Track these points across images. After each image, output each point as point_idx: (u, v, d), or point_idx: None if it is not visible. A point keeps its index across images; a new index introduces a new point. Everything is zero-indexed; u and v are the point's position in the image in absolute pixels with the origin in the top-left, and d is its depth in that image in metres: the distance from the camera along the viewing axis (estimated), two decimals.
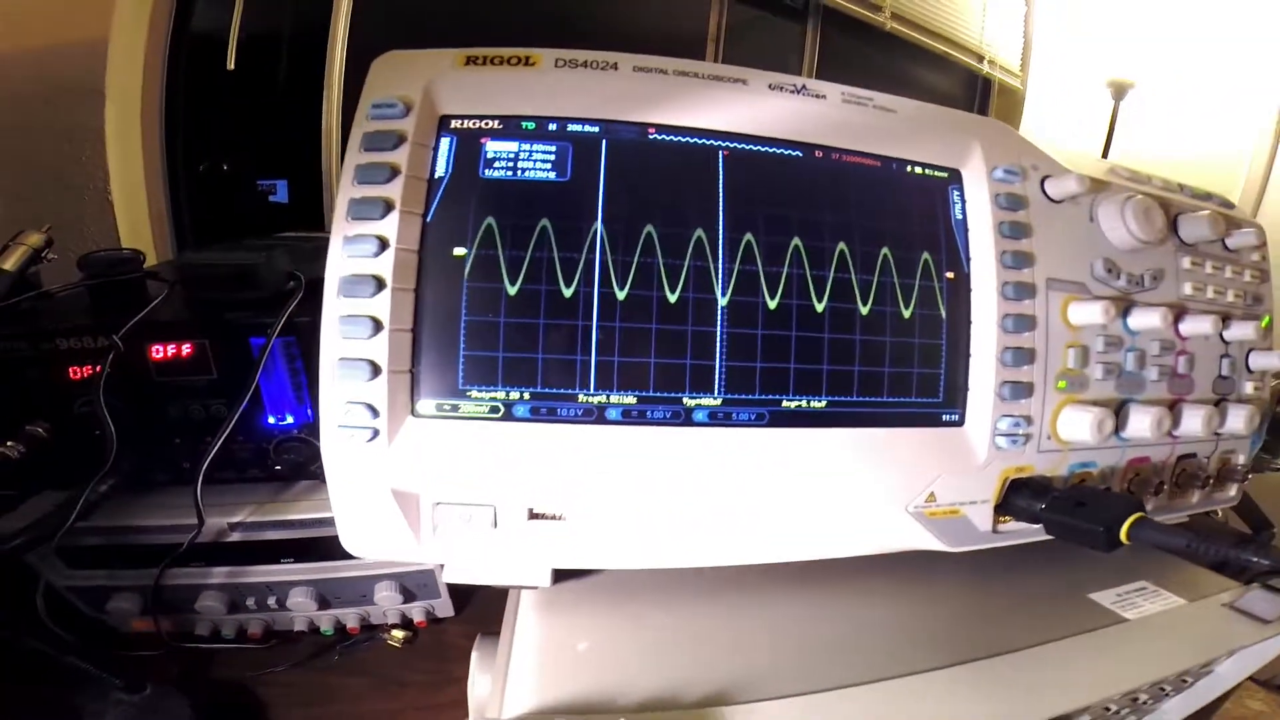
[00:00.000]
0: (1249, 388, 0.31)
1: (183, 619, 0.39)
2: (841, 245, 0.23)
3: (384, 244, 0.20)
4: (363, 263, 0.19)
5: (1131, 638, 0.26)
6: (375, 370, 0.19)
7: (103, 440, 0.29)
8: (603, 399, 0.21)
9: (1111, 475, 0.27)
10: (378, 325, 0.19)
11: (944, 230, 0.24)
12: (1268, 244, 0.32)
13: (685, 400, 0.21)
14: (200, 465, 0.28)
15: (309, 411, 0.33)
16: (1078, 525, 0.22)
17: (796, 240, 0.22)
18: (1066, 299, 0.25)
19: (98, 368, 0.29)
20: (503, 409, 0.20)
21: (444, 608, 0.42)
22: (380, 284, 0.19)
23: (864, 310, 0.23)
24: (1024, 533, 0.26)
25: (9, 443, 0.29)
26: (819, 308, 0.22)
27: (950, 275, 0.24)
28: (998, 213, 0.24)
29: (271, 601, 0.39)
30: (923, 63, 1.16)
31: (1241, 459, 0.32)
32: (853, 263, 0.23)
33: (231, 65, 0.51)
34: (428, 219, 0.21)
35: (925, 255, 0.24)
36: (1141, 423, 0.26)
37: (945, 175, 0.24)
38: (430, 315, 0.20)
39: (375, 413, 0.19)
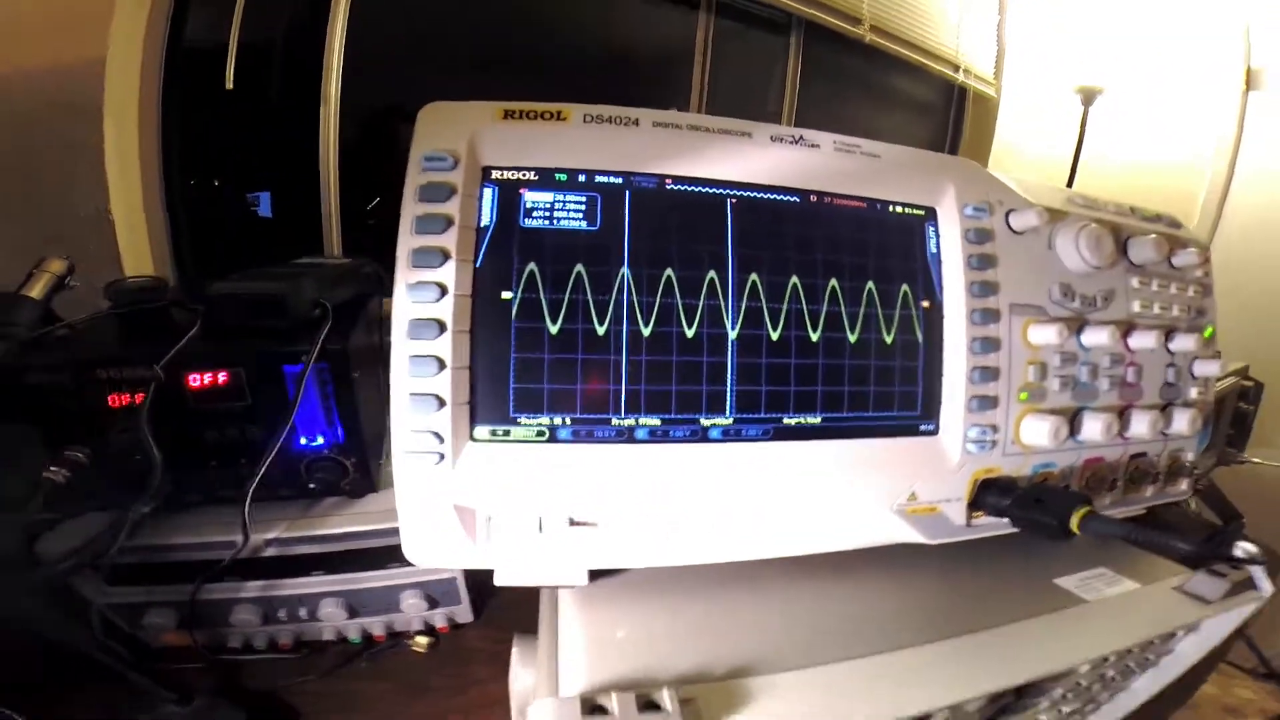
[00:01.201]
0: (1193, 393, 0.38)
1: (216, 632, 0.44)
2: (833, 281, 0.29)
3: (444, 290, 0.25)
4: (427, 308, 0.25)
5: (1090, 616, 0.32)
6: (441, 403, 0.24)
7: (143, 464, 0.33)
8: (632, 422, 0.26)
9: (1070, 474, 0.34)
10: (441, 364, 0.24)
11: (920, 263, 0.30)
12: (1210, 260, 0.39)
13: (702, 420, 0.27)
14: (248, 487, 0.33)
15: (339, 433, 0.38)
16: (1036, 519, 0.29)
17: (794, 279, 0.28)
18: (1027, 321, 0.31)
19: (136, 396, 0.33)
20: (548, 433, 0.26)
21: (464, 614, 0.48)
22: (442, 327, 0.25)
23: (852, 339, 0.29)
24: (994, 526, 0.32)
25: (52, 468, 0.34)
26: (814, 338, 0.28)
27: (926, 304, 0.30)
28: (967, 246, 0.30)
29: (303, 613, 0.44)
30: (901, 72, 1.26)
31: (1190, 456, 0.39)
32: (842, 297, 0.29)
33: (230, 85, 0.54)
34: (478, 265, 0.26)
35: (904, 287, 0.30)
36: (1094, 428, 0.32)
37: (923, 213, 0.30)
38: (484, 352, 0.25)
39: (441, 439, 0.24)
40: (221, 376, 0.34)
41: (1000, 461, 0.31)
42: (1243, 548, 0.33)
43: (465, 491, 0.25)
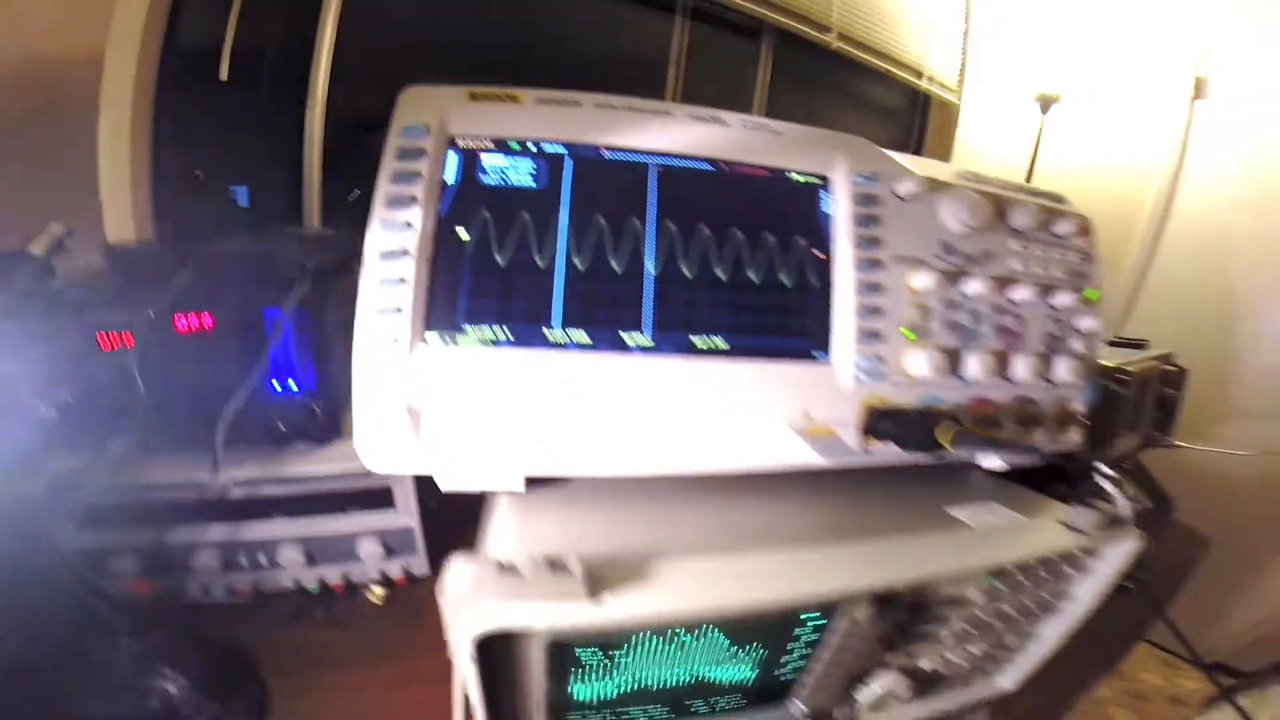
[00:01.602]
0: (1078, 345, 0.45)
1: (177, 580, 0.50)
2: (739, 233, 0.37)
3: (410, 226, 0.33)
4: (395, 239, 0.32)
5: (973, 536, 0.37)
6: (400, 311, 0.32)
7: (129, 399, 0.40)
8: (564, 336, 0.34)
9: (960, 412, 0.41)
10: (404, 280, 0.32)
11: (815, 221, 0.38)
12: (1092, 232, 0.47)
13: (624, 337, 0.35)
14: (223, 415, 0.40)
15: (310, 379, 0.45)
16: (914, 436, 0.36)
17: (705, 229, 0.36)
18: (909, 270, 0.39)
19: (126, 337, 0.40)
20: (490, 340, 0.33)
21: (420, 565, 0.54)
22: (406, 253, 0.32)
23: (755, 279, 0.37)
24: (890, 455, 0.39)
25: (41, 405, 0.41)
26: (723, 277, 0.36)
27: (819, 254, 0.38)
28: (855, 208, 0.38)
29: (263, 559, 0.50)
30: (868, 78, 1.40)
31: (1078, 406, 0.46)
32: (746, 245, 0.37)
33: (225, 76, 0.64)
34: (442, 212, 0.34)
35: (801, 240, 0.38)
36: (974, 365, 0.40)
37: (818, 180, 0.39)
38: (441, 277, 0.33)
39: (397, 340, 0.32)
40: (208, 320, 0.41)
41: (889, 391, 0.38)
42: (1101, 469, 0.40)
43: (416, 392, 0.32)
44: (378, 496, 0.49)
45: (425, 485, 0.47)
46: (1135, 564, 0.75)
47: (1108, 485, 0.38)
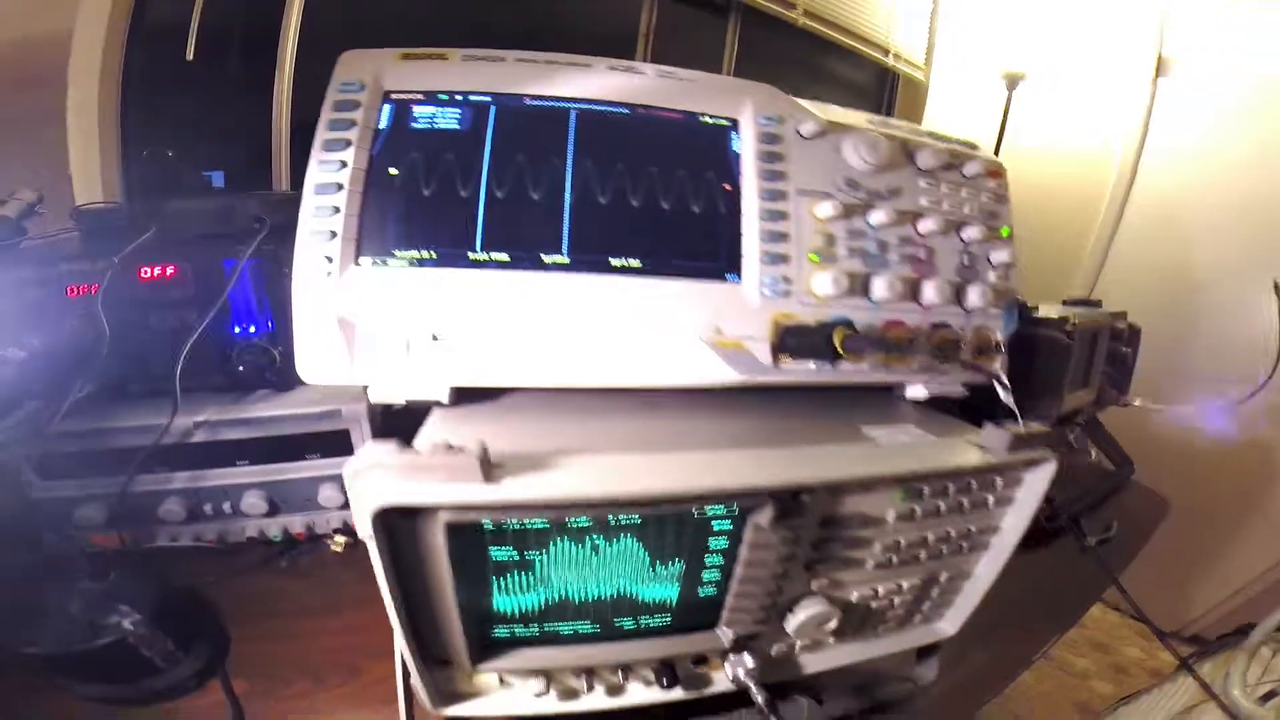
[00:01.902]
0: (992, 277, 0.47)
1: (142, 530, 0.52)
2: (653, 167, 0.40)
3: (344, 164, 0.36)
4: (330, 175, 0.36)
5: (882, 451, 0.38)
6: (334, 235, 0.35)
7: (95, 345, 0.43)
8: (485, 256, 0.37)
9: (871, 333, 0.43)
10: (337, 209, 0.36)
11: (724, 158, 0.41)
12: (1004, 175, 0.50)
13: (543, 257, 0.38)
14: (181, 353, 0.43)
15: (269, 323, 0.48)
16: (814, 344, 0.38)
17: (620, 164, 0.40)
18: (813, 201, 0.42)
19: (93, 287, 0.44)
20: (416, 260, 0.37)
21: None
22: (340, 187, 0.36)
23: (666, 206, 0.40)
24: (802, 372, 0.41)
25: (11, 348, 0.44)
26: (636, 204, 0.39)
27: (727, 186, 0.41)
28: (760, 146, 0.41)
29: (226, 506, 0.52)
30: (835, 56, 1.46)
31: (998, 336, 0.47)
32: (661, 179, 0.40)
33: (190, 56, 0.70)
34: (374, 153, 0.38)
35: (710, 173, 0.41)
36: (880, 287, 0.42)
37: (727, 123, 0.42)
38: (372, 208, 0.36)
39: (331, 260, 0.35)
40: (170, 269, 0.45)
41: (798, 309, 0.40)
42: (1000, 378, 0.42)
43: (348, 307, 0.35)
44: (336, 441, 0.51)
45: (384, 432, 0.50)
46: (1096, 524, 0.75)
47: (1004, 395, 0.40)
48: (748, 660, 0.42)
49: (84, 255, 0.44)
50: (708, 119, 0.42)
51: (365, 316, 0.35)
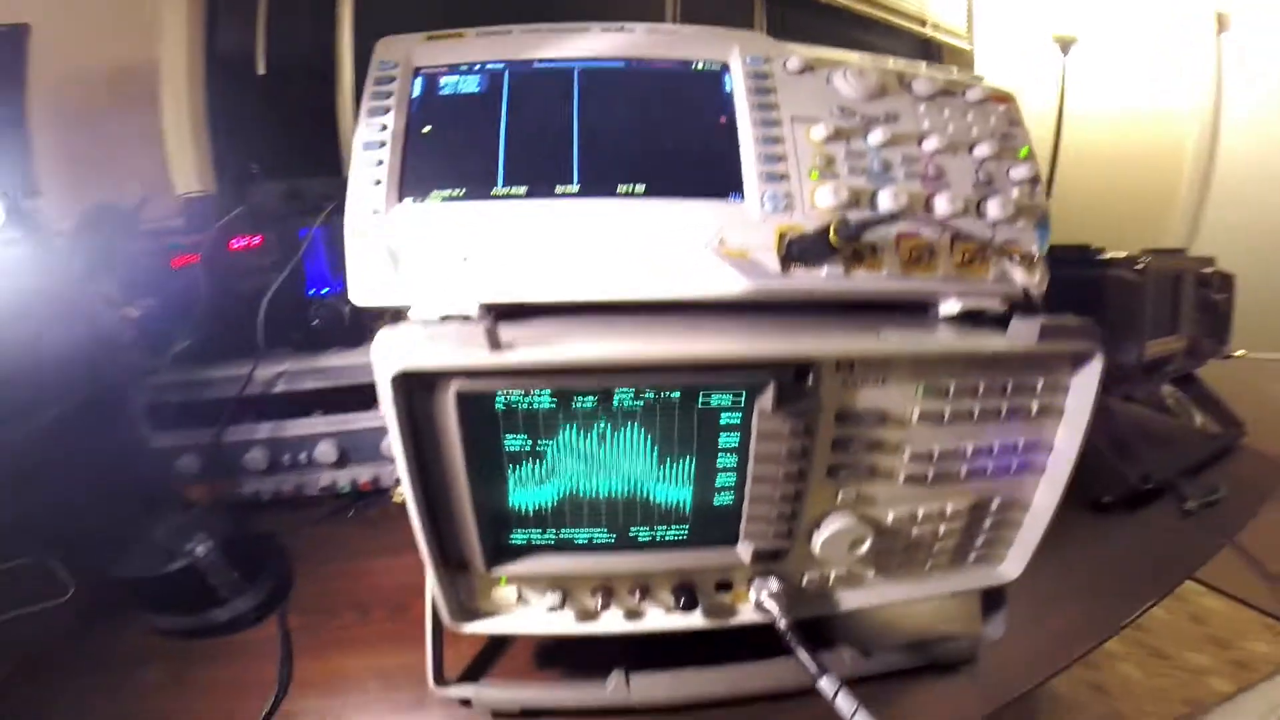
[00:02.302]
0: (1014, 193, 0.45)
1: (230, 482, 0.59)
2: (651, 110, 0.44)
3: (385, 127, 0.43)
4: (375, 134, 0.43)
5: (898, 337, 0.37)
6: (379, 182, 0.41)
7: (194, 303, 0.52)
8: (507, 190, 0.42)
9: (883, 243, 0.42)
10: (381, 161, 0.42)
11: (718, 97, 0.45)
12: (1014, 102, 0.49)
13: (556, 188, 0.42)
14: (264, 298, 0.51)
15: (340, 284, 0.55)
16: (816, 244, 0.38)
17: (621, 109, 0.44)
18: (807, 127, 0.43)
19: (194, 257, 0.53)
20: (448, 199, 0.41)
21: None
22: (383, 144, 0.43)
23: (666, 141, 0.43)
24: (813, 279, 0.41)
25: (127, 308, 0.53)
26: (637, 140, 0.43)
27: (722, 120, 0.44)
28: (751, 82, 0.44)
29: (302, 456, 0.58)
30: (868, 31, 1.44)
31: (1032, 249, 0.45)
32: (658, 118, 0.44)
33: (261, 70, 0.85)
34: (410, 116, 0.44)
35: (705, 111, 0.44)
36: (886, 198, 0.42)
37: (718, 67, 0.46)
38: (411, 156, 0.43)
39: (376, 202, 0.41)
40: (255, 240, 0.53)
41: (802, 220, 0.41)
42: (1030, 282, 0.39)
43: (391, 238, 0.40)
44: None
45: None
46: (1198, 488, 0.66)
47: (1035, 292, 0.37)
48: (772, 584, 0.40)
49: (186, 233, 0.53)
50: (699, 65, 0.46)
51: (406, 245, 0.41)
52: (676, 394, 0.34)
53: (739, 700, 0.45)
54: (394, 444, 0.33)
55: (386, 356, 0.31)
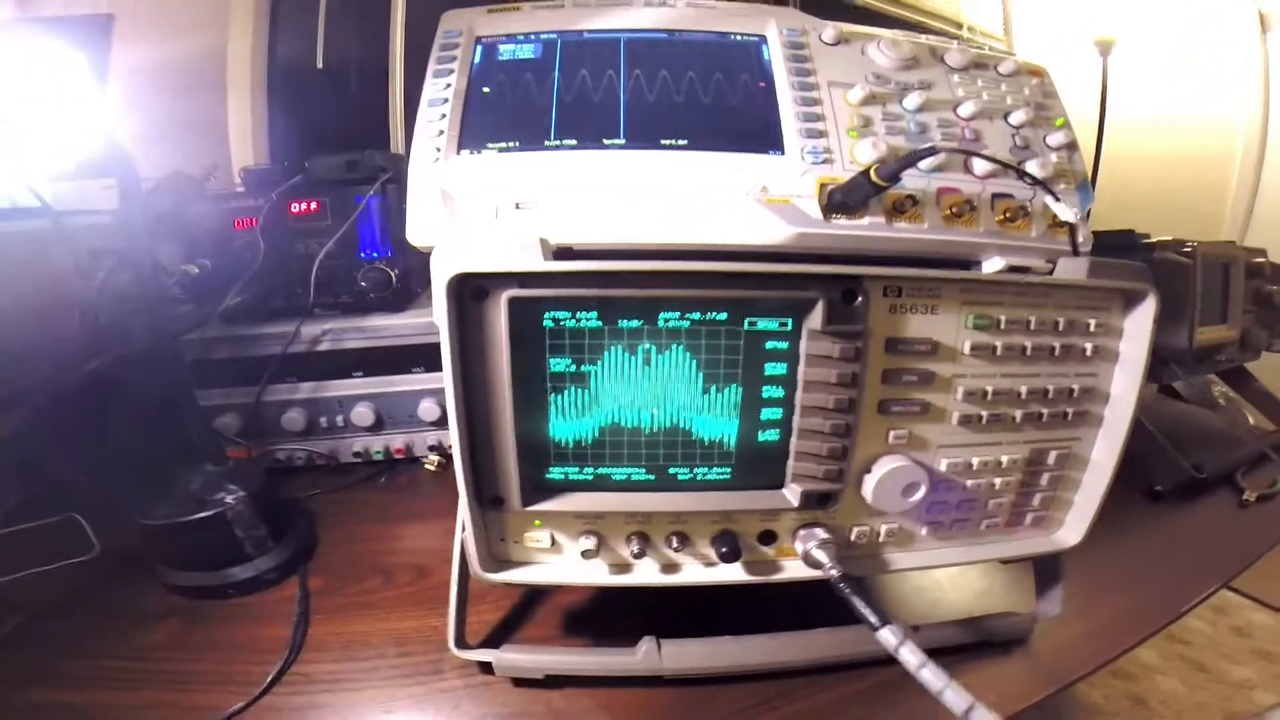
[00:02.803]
0: (1053, 157, 0.46)
1: (267, 442, 0.59)
2: (691, 73, 0.46)
3: (449, 85, 0.46)
4: (439, 92, 0.46)
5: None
6: (441, 133, 0.44)
7: (252, 261, 0.54)
8: (558, 142, 0.43)
9: (924, 197, 0.42)
10: (444, 115, 0.44)
11: (757, 65, 0.47)
12: (1048, 76, 0.50)
13: (605, 141, 0.43)
14: (316, 260, 0.52)
15: (389, 249, 0.57)
16: (856, 188, 0.39)
17: (664, 72, 0.46)
18: (845, 91, 0.45)
19: (254, 220, 0.55)
20: (503, 150, 0.43)
21: None
22: (446, 100, 0.45)
23: (707, 101, 0.45)
24: (856, 227, 0.41)
25: (188, 266, 0.55)
26: (679, 99, 0.45)
27: (762, 84, 0.46)
28: (788, 51, 0.47)
29: (339, 419, 0.58)
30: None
31: (1066, 216, 0.44)
32: (699, 81, 0.46)
33: (320, 64, 0.91)
34: (470, 77, 0.47)
35: (745, 76, 0.46)
36: (920, 161, 0.42)
37: (756, 38, 0.48)
38: (470, 114, 0.45)
39: (439, 151, 0.43)
40: (313, 204, 0.56)
41: (841, 173, 0.42)
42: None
43: (449, 184, 0.42)
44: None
45: None
46: (1256, 480, 0.63)
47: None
48: (819, 533, 0.38)
49: (246, 197, 0.56)
50: (738, 36, 0.49)
51: (462, 191, 0.42)
52: (723, 315, 0.34)
53: (776, 673, 0.42)
54: (444, 357, 0.33)
55: (446, 260, 0.31)
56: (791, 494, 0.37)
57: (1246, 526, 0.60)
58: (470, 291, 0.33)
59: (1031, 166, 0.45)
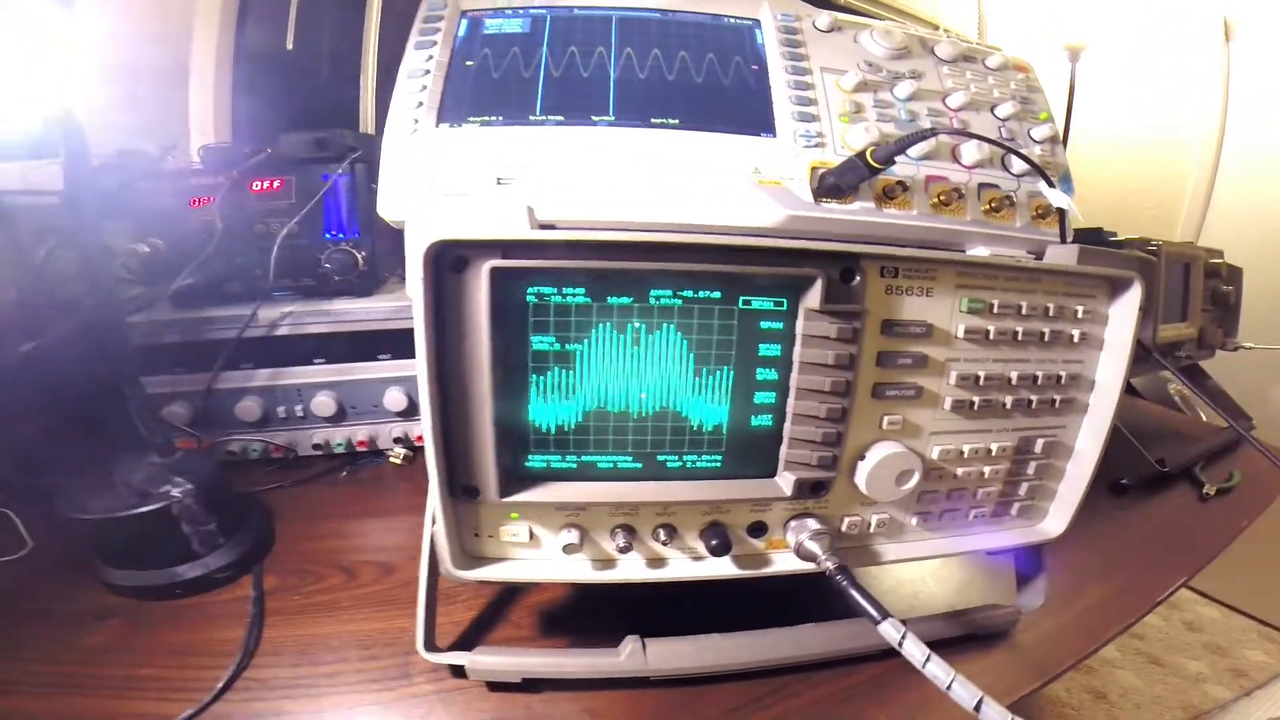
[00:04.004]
0: (1037, 150, 0.46)
1: (219, 433, 0.54)
2: (683, 53, 0.45)
3: (431, 56, 0.43)
4: (420, 64, 0.43)
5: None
6: (419, 104, 0.41)
7: (207, 241, 0.49)
8: (544, 118, 0.41)
9: (913, 184, 0.42)
10: (424, 87, 0.41)
11: (750, 48, 0.46)
12: (1031, 71, 0.50)
13: (593, 117, 0.41)
14: (278, 237, 0.48)
15: (355, 229, 0.54)
16: (850, 170, 0.38)
17: (655, 50, 0.45)
18: (837, 77, 0.44)
19: (212, 198, 0.51)
20: (485, 123, 0.41)
21: None
22: (427, 73, 0.42)
23: (699, 80, 0.43)
24: (847, 211, 0.40)
25: (137, 245, 0.51)
26: (670, 78, 0.43)
27: (755, 67, 0.44)
28: (781, 36, 0.45)
29: (298, 409, 0.54)
30: None
31: (1058, 202, 0.44)
32: (691, 61, 0.44)
33: (290, 46, 0.86)
34: (454, 50, 0.44)
35: (738, 58, 0.45)
36: (918, 145, 0.42)
37: (750, 22, 0.47)
38: (451, 87, 0.42)
39: (416, 123, 0.40)
40: (277, 183, 0.52)
41: (833, 157, 0.41)
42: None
43: (425, 156, 0.39)
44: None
45: None
46: (1215, 475, 0.65)
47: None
48: (811, 524, 0.36)
49: (206, 174, 0.52)
50: (731, 19, 0.47)
51: (439, 164, 0.39)
52: (717, 294, 0.32)
53: (765, 671, 0.40)
54: (417, 333, 0.30)
55: (425, 227, 0.29)
56: (785, 482, 0.35)
57: (1208, 520, 0.62)
58: (450, 262, 0.30)
59: (1017, 162, 0.45)
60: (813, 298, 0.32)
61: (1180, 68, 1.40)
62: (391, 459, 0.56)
